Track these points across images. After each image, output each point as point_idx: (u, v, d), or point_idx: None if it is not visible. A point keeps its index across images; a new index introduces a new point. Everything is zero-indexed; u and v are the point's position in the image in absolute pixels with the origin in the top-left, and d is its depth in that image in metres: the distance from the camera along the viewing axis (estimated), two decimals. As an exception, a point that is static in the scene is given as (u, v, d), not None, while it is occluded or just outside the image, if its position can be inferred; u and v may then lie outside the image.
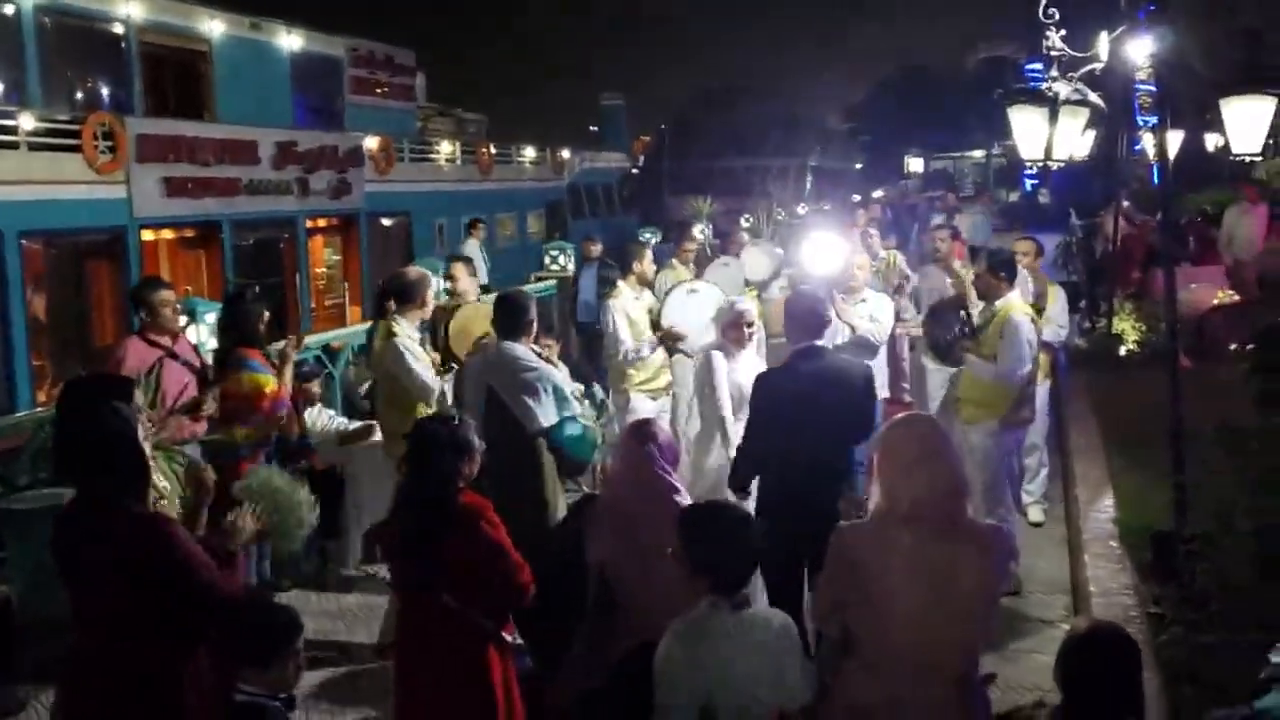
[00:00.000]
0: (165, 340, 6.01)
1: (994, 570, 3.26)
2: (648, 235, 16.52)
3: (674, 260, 9.52)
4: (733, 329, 6.08)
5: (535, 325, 5.29)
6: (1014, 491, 7.11)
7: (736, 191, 31.74)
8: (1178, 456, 5.56)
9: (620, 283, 7.79)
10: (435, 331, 6.51)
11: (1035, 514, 7.56)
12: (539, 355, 5.32)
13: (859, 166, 50.26)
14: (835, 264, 7.62)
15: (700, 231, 12.17)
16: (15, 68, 13.77)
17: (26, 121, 12.66)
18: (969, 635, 3.22)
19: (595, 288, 11.99)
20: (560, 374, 5.25)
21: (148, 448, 3.38)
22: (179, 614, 3.20)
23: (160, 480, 4.13)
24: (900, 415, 3.99)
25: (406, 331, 5.98)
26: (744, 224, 15.31)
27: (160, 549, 3.16)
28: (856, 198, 32.74)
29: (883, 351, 7.39)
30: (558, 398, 5.03)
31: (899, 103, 53.55)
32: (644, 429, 3.89)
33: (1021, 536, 6.65)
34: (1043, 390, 7.52)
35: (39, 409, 10.41)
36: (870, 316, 7.09)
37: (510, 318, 5.21)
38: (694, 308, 7.26)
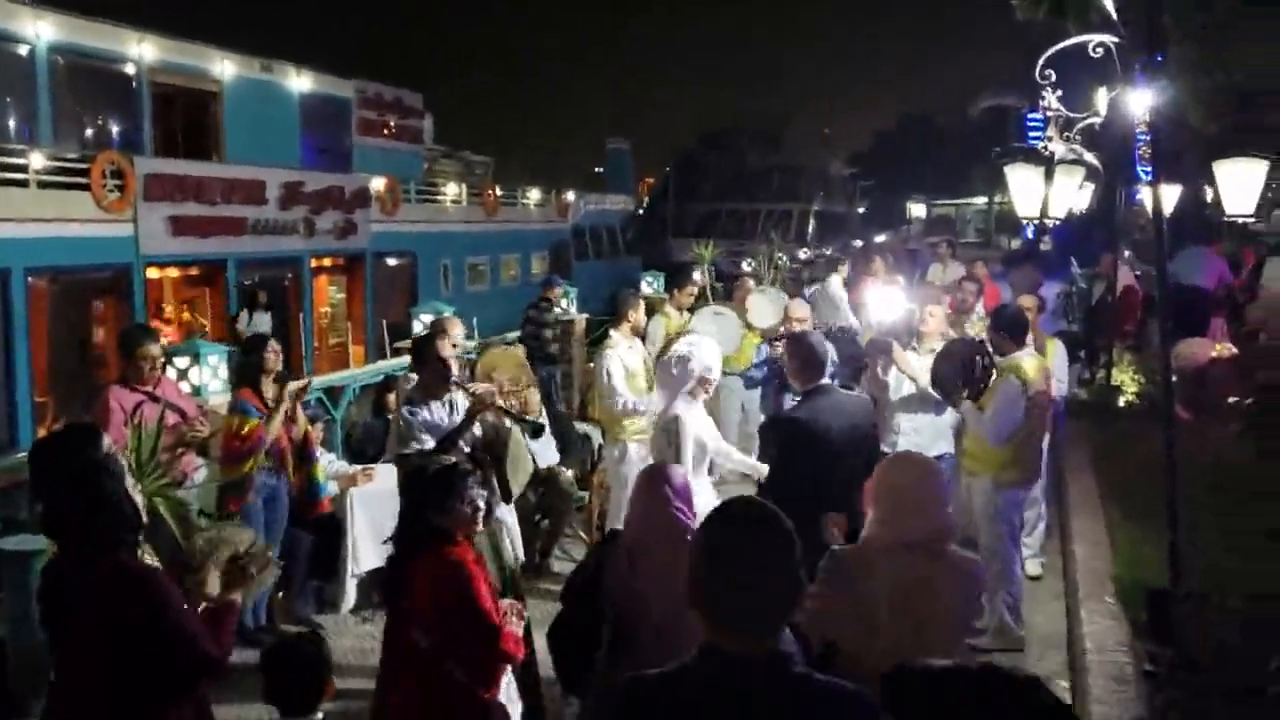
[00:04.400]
0: (146, 387, 6.13)
1: (969, 592, 3.55)
2: (649, 279, 16.56)
3: (667, 306, 9.54)
4: (698, 383, 6.05)
5: None
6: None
7: (739, 235, 31.90)
8: (1173, 515, 5.56)
9: (613, 333, 7.81)
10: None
11: (1032, 568, 7.54)
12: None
13: (861, 211, 50.54)
14: (898, 311, 7.59)
15: (702, 275, 12.22)
16: (28, 106, 13.98)
17: (37, 160, 12.81)
18: (947, 652, 3.37)
19: None
20: None
21: (139, 497, 3.38)
22: (158, 670, 3.16)
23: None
24: (899, 453, 4.06)
25: None
26: (746, 268, 15.34)
27: (143, 601, 3.12)
28: (859, 243, 32.92)
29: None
30: None
31: (902, 149, 54.00)
32: (659, 472, 4.03)
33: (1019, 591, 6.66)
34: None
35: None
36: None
37: None
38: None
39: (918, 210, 50.27)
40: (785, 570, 2.29)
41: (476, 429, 5.73)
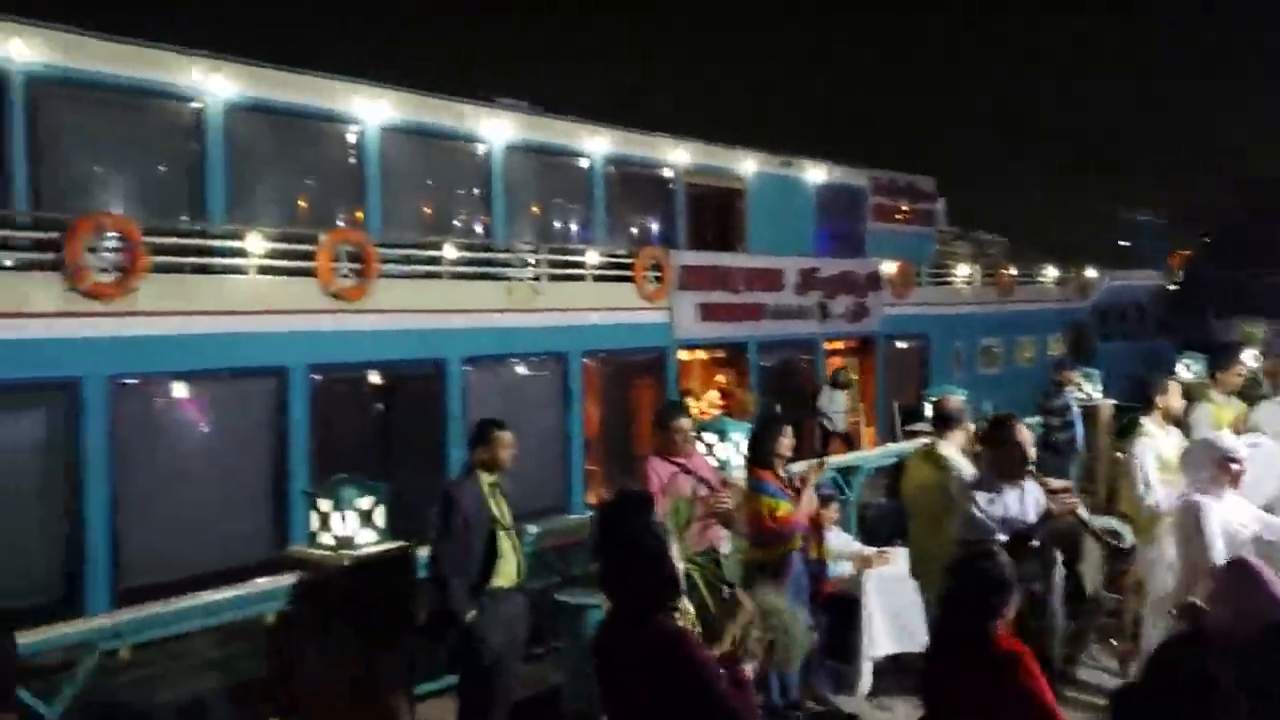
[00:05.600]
0: (679, 459, 6.60)
1: None
2: (1187, 361, 14.99)
3: (1212, 392, 8.56)
4: (1220, 469, 5.44)
5: None
6: None
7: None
8: None
9: (1144, 420, 7.18)
10: None
11: None
12: None
13: None
14: None
15: (1257, 358, 10.81)
16: (586, 211, 16.02)
17: (592, 257, 14.57)
18: None
19: None
20: None
21: (680, 563, 3.63)
22: None
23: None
24: None
25: (953, 453, 6.10)
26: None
27: (681, 663, 3.33)
28: None
29: None
30: None
31: None
32: (1244, 566, 3.79)
33: None
34: None
35: (589, 511, 11.71)
36: None
37: None
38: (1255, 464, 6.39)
39: None
40: None
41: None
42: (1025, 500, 5.63)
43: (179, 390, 10.51)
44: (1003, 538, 5.32)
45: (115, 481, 9.58)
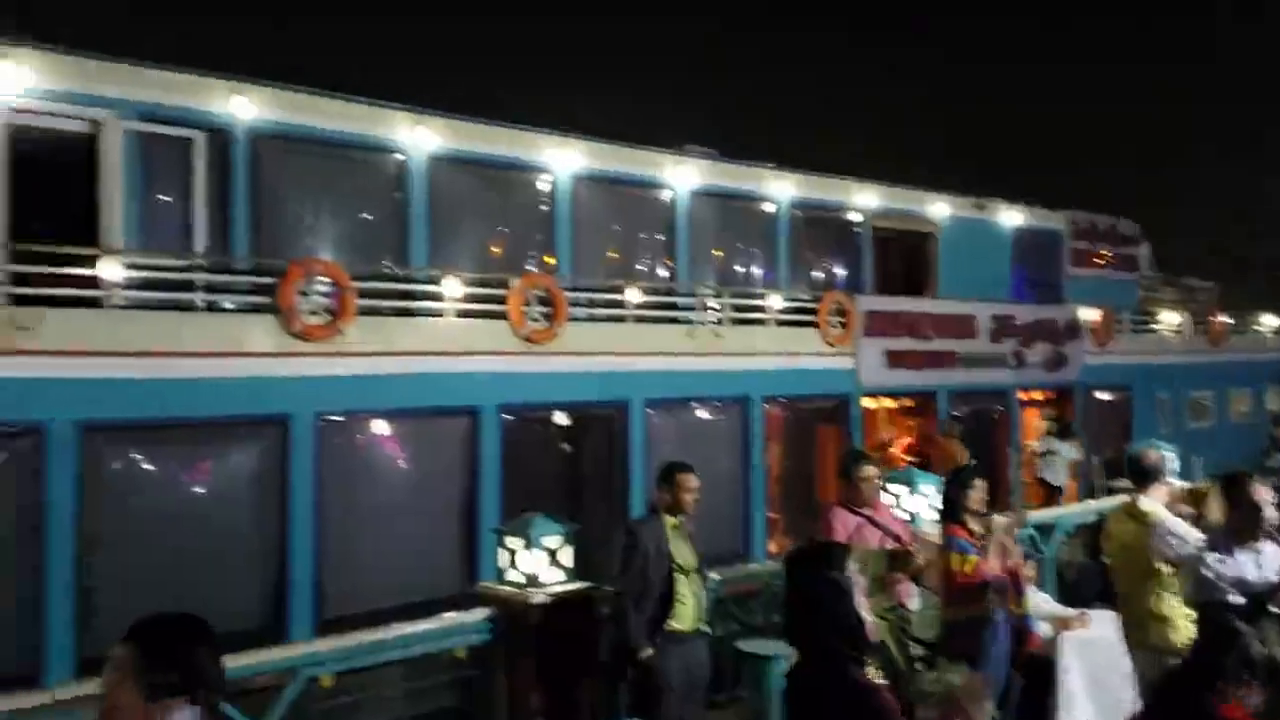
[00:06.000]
0: (864, 510, 6.44)
1: None
2: None
3: None
4: None
5: None
6: None
7: None
8: None
9: None
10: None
11: None
12: None
13: None
14: None
15: None
16: (769, 255, 15.97)
17: (775, 301, 14.49)
18: None
19: None
20: None
21: (868, 615, 3.53)
22: None
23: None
24: None
25: (1158, 509, 5.83)
26: None
27: (873, 716, 3.26)
28: None
29: None
30: None
31: None
32: None
33: None
34: None
35: (769, 560, 11.58)
36: None
37: None
38: None
39: None
40: None
41: None
42: (1264, 562, 5.26)
43: (379, 428, 11.00)
44: (1238, 600, 4.99)
45: (320, 515, 10.07)
